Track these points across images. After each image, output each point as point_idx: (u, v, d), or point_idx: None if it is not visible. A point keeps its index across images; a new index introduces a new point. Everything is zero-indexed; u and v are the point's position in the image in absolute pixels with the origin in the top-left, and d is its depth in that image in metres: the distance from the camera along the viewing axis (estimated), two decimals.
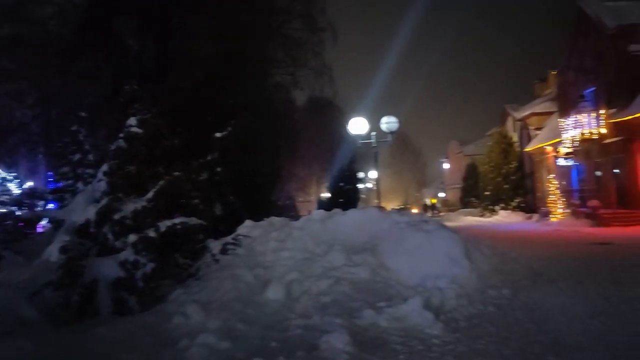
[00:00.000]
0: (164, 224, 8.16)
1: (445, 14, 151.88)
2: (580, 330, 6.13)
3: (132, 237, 7.77)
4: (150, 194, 8.21)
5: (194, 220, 8.69)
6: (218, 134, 11.04)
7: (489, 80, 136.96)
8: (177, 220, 8.42)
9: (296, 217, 17.26)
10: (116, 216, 7.88)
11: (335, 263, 8.44)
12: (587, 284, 8.79)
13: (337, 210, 10.53)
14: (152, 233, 7.90)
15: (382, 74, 64.50)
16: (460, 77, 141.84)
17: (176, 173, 8.53)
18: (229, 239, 9.28)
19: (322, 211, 10.56)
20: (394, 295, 7.60)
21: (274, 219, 10.66)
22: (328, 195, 28.08)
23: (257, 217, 10.91)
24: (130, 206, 8.03)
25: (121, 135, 8.49)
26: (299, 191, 41.97)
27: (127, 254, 7.64)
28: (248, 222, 10.25)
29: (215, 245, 9.08)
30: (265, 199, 16.63)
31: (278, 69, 20.05)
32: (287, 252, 8.86)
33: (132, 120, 8.48)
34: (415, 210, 53.50)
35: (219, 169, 10.99)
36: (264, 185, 16.22)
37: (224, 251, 8.90)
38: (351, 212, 10.12)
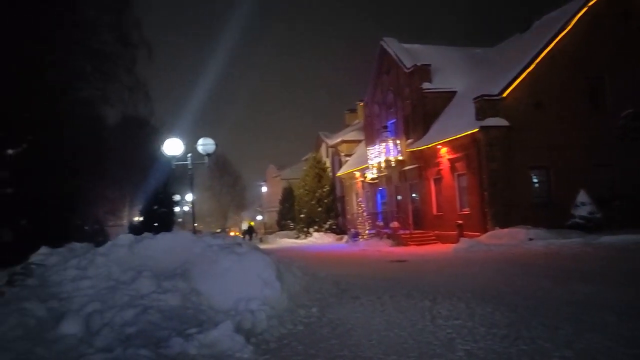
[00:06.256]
0: None
1: (266, 41, 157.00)
2: (377, 342, 6.64)
3: None
4: None
5: None
6: (10, 151, 9.81)
7: (305, 108, 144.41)
8: None
9: (105, 242, 16.05)
10: None
11: (143, 290, 7.97)
12: (384, 299, 9.63)
13: (147, 235, 10.03)
14: None
15: (201, 95, 64.01)
16: (278, 103, 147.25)
17: None
18: (18, 268, 8.22)
19: (129, 235, 9.94)
20: (205, 321, 7.43)
21: (75, 245, 9.79)
22: (141, 219, 26.59)
23: (56, 243, 9.89)
24: None
25: None
26: (110, 215, 39.07)
27: None
28: (44, 249, 9.24)
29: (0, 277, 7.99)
30: (67, 224, 15.07)
31: (85, 83, 18.59)
32: (89, 280, 8.12)
33: None
34: (233, 233, 53.49)
35: (9, 190, 9.74)
36: (66, 208, 14.71)
37: (10, 283, 7.83)
38: (162, 236, 9.71)
